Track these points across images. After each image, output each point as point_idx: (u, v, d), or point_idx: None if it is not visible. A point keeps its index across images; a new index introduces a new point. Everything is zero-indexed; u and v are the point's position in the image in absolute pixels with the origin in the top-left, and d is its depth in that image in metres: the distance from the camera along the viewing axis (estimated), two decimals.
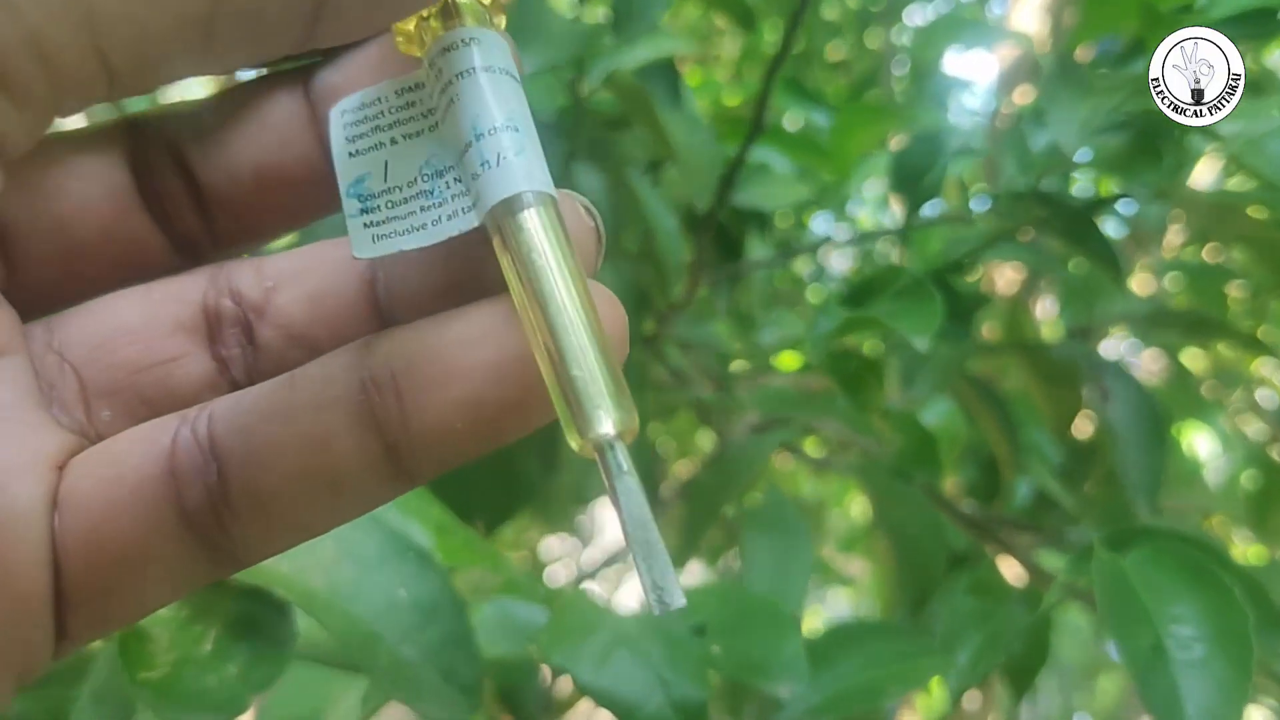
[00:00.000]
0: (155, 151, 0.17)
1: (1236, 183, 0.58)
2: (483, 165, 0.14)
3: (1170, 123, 0.44)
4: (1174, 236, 0.68)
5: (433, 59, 0.15)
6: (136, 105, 0.28)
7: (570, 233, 0.15)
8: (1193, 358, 0.79)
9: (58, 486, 0.15)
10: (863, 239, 0.63)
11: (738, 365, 0.65)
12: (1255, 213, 0.46)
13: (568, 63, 0.45)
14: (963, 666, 0.42)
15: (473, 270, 0.15)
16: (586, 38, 0.44)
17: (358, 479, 0.15)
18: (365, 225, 0.15)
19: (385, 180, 0.15)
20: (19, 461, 0.15)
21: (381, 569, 0.28)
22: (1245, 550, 0.81)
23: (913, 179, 0.47)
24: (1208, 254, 0.70)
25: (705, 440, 0.86)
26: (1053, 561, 0.54)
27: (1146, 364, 0.80)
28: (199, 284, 0.17)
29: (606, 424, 0.13)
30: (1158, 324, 0.58)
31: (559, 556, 1.00)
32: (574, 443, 0.14)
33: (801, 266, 0.80)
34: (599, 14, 0.59)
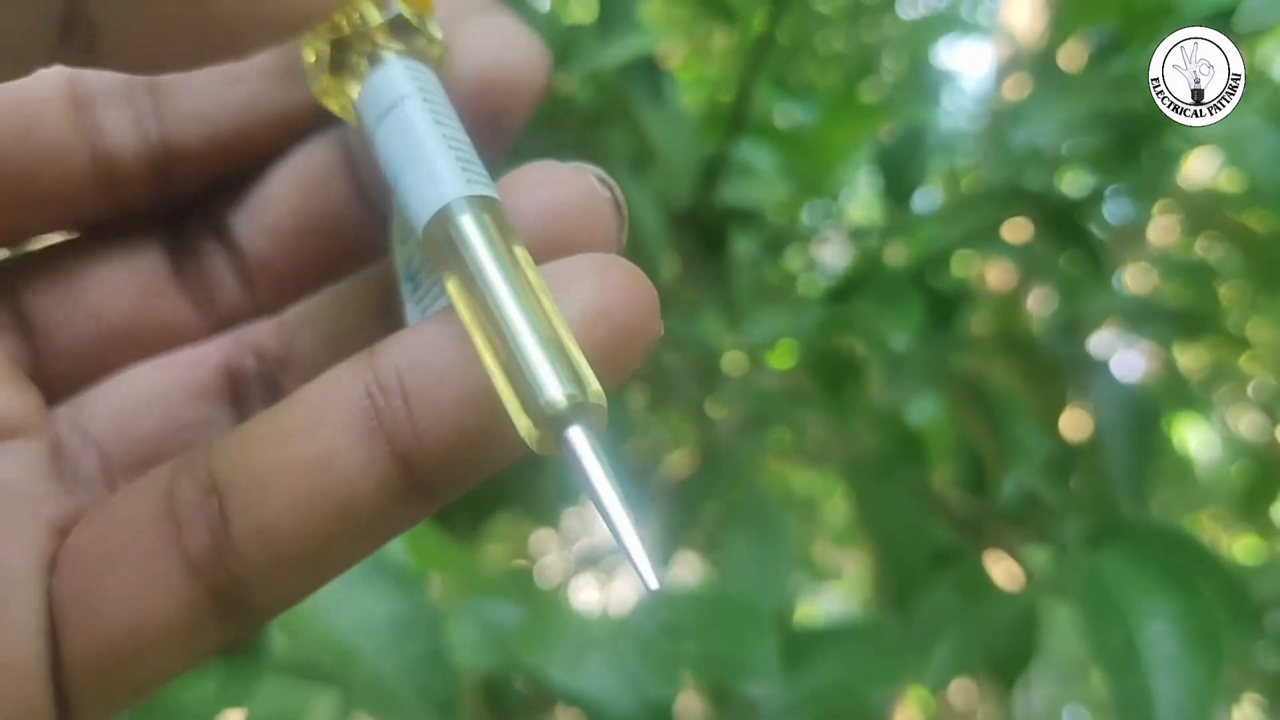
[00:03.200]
0: (194, 226, 0.17)
1: (1228, 179, 0.57)
2: (404, 203, 0.14)
3: (1149, 122, 0.45)
4: (1164, 232, 0.68)
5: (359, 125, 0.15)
6: None
7: (586, 207, 0.14)
8: (1186, 351, 0.79)
9: (57, 549, 0.14)
10: (851, 235, 0.63)
11: (728, 361, 0.65)
12: (1237, 212, 0.46)
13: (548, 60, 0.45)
14: (941, 663, 0.43)
15: None
16: (567, 35, 0.44)
17: (369, 500, 0.13)
18: (417, 303, 0.15)
19: (424, 255, 0.15)
20: (13, 529, 0.14)
21: (360, 586, 0.28)
22: (1235, 545, 0.81)
23: (895, 176, 0.47)
24: (1199, 248, 0.70)
25: (696, 433, 0.86)
26: (1039, 558, 0.55)
27: (1140, 358, 0.80)
28: (222, 346, 0.17)
29: (555, 392, 0.12)
30: (1145, 320, 0.58)
31: (551, 549, 1.00)
32: (524, 430, 0.13)
33: (792, 260, 0.80)
34: (580, 11, 0.58)
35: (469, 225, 0.14)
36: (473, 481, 0.14)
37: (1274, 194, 0.42)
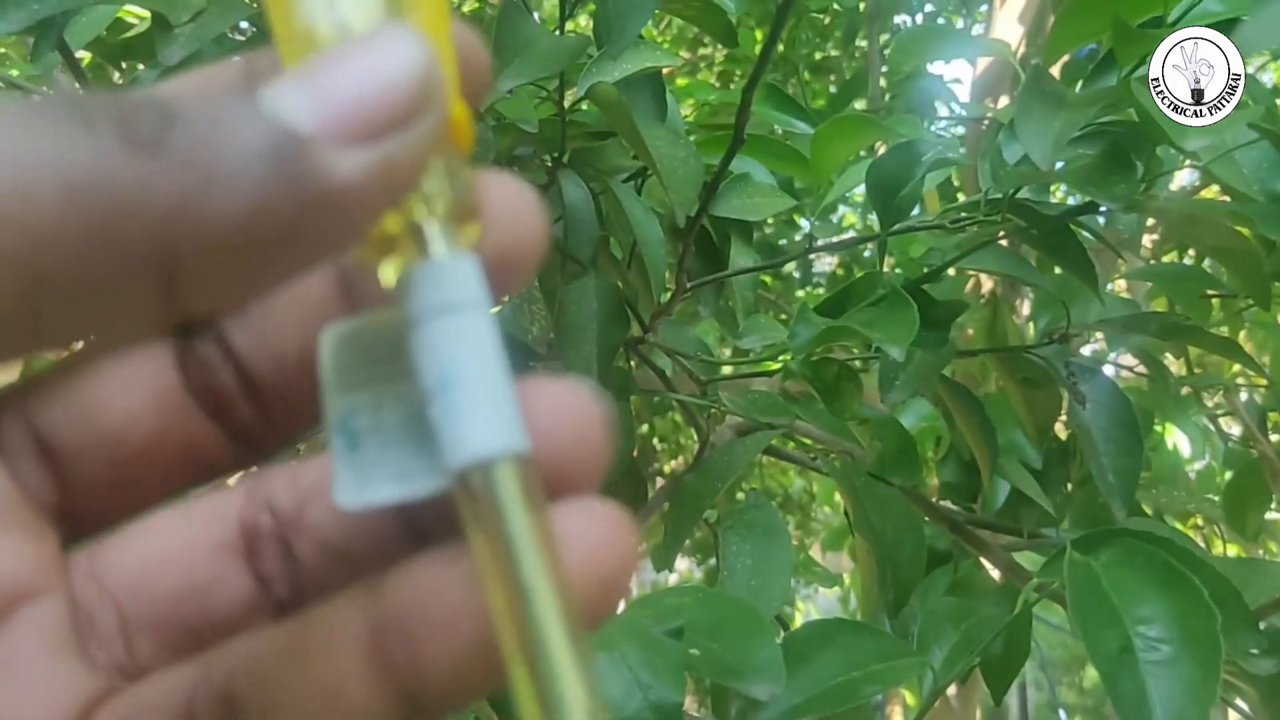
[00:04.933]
0: (204, 346, 0.17)
1: (1214, 190, 0.58)
2: (441, 422, 0.14)
3: (1142, 135, 0.45)
4: (1155, 240, 0.69)
5: (397, 295, 0.14)
6: None
7: (579, 430, 0.14)
8: (1177, 358, 0.80)
9: None
10: (845, 244, 0.63)
11: (728, 369, 0.65)
12: (1223, 225, 0.46)
13: (553, 76, 0.46)
14: (939, 665, 0.43)
15: None
16: (571, 52, 0.45)
17: None
18: (351, 468, 0.14)
19: (377, 418, 0.15)
20: None
21: None
22: (1226, 548, 0.82)
23: (889, 191, 0.48)
24: (1190, 257, 0.71)
25: (694, 439, 0.87)
26: (1033, 561, 0.55)
27: (1131, 364, 0.81)
28: (236, 499, 0.17)
29: (578, 715, 0.12)
30: (1135, 328, 0.59)
31: None
32: None
33: (789, 265, 0.81)
34: (584, 27, 0.59)
35: (507, 489, 0.13)
36: (468, 703, 0.15)
37: (1265, 205, 0.43)
